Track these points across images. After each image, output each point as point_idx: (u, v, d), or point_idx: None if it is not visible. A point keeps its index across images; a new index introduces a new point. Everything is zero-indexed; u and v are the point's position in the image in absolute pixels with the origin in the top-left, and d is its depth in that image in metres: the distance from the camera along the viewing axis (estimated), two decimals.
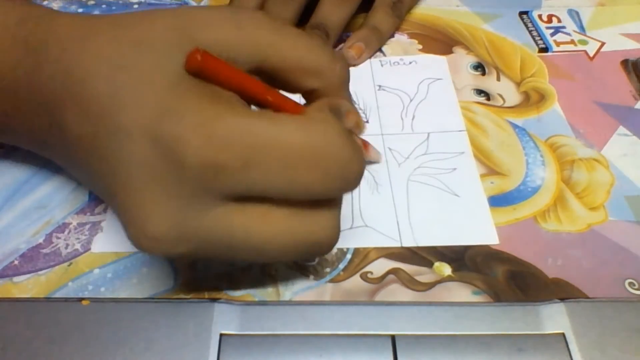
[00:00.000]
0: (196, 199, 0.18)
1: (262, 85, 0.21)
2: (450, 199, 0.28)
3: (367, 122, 0.32)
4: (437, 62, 0.36)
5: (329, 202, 0.20)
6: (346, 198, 0.28)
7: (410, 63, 0.36)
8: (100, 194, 0.23)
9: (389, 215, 0.28)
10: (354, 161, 0.19)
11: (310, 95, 0.23)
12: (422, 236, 0.27)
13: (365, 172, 0.29)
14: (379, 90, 0.34)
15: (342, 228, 0.27)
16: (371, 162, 0.30)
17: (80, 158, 0.21)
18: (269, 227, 0.19)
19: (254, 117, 0.18)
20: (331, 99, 0.22)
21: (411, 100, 0.33)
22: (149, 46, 0.19)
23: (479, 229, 0.27)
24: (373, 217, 0.28)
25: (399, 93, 0.34)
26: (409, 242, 0.27)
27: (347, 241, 0.27)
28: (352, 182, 0.19)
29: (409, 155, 0.30)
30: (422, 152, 0.31)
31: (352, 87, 0.34)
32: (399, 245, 0.27)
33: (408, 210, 0.28)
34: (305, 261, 0.26)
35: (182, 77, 0.19)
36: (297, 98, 0.23)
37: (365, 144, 0.29)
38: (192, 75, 0.19)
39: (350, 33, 0.37)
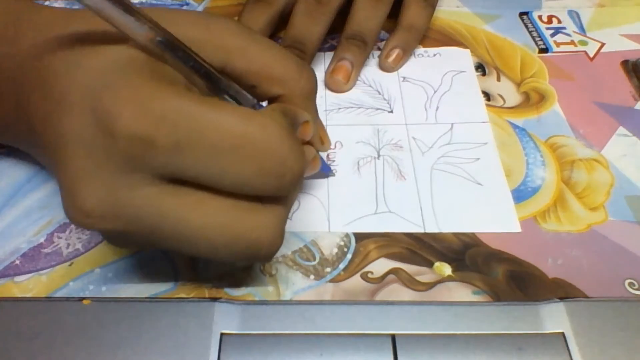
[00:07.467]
0: (126, 174, 0.18)
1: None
2: (473, 188, 0.29)
3: (392, 112, 0.33)
4: (460, 55, 0.36)
5: (274, 201, 0.20)
6: (370, 183, 0.29)
7: (434, 55, 0.36)
8: (50, 169, 0.22)
9: (413, 202, 0.28)
10: (291, 160, 0.18)
11: (274, 102, 0.23)
12: (445, 223, 0.27)
13: (389, 160, 0.29)
14: (403, 81, 0.34)
15: (366, 213, 0.27)
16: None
17: (40, 137, 0.21)
18: (201, 217, 0.19)
19: (194, 100, 0.18)
20: (288, 105, 0.22)
21: (435, 92, 0.34)
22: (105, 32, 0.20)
23: (501, 217, 0.28)
24: (397, 203, 0.28)
25: (423, 84, 0.34)
26: (432, 228, 0.27)
27: (372, 225, 0.27)
28: (288, 182, 0.19)
29: (432, 144, 0.31)
30: (445, 142, 0.31)
31: (377, 79, 0.34)
32: (422, 230, 0.27)
33: (431, 197, 0.28)
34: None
35: (134, 58, 0.19)
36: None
37: (316, 157, 0.26)
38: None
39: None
